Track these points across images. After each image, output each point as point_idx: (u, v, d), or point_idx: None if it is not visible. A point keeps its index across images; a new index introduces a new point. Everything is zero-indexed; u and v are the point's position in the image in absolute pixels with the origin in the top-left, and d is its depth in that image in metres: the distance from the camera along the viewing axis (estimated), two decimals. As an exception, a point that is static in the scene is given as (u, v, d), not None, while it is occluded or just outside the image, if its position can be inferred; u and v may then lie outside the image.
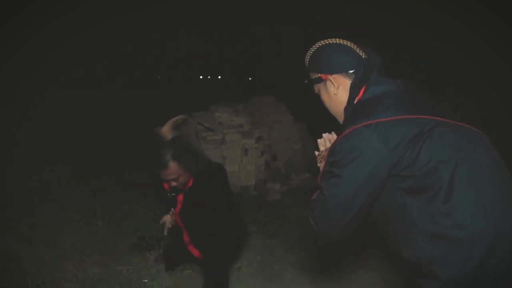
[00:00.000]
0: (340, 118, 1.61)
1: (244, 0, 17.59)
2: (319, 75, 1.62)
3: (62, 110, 7.58)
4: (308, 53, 1.66)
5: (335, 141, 1.47)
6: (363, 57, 1.58)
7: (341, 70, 1.58)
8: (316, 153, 1.74)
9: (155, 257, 3.40)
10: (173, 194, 2.84)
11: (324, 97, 1.65)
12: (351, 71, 1.57)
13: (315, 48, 1.64)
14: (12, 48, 8.45)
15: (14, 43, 8.69)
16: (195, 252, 2.98)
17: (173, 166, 2.64)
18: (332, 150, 1.46)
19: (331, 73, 1.59)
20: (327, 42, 1.62)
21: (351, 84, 1.56)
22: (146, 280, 3.09)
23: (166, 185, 2.81)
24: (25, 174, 4.92)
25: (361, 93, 1.53)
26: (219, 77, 26.59)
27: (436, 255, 1.32)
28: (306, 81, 1.71)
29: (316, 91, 1.69)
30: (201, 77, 26.73)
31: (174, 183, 2.70)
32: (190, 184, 2.80)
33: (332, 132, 1.72)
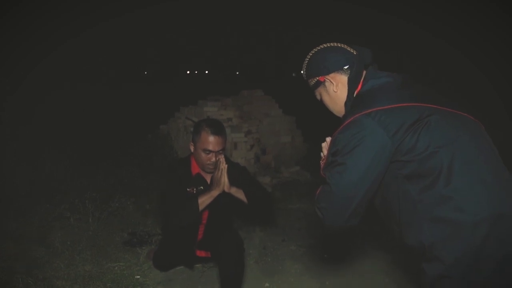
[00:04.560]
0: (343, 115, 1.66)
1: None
2: (317, 78, 1.67)
3: (54, 108, 7.52)
4: (303, 64, 1.73)
5: (336, 131, 1.49)
6: (354, 53, 1.64)
7: (337, 67, 1.64)
8: (322, 155, 1.71)
9: (147, 252, 3.40)
10: (201, 187, 2.81)
11: (326, 99, 1.71)
12: (345, 67, 1.62)
13: (308, 57, 1.70)
14: (12, 47, 8.44)
15: (14, 43, 8.68)
16: (203, 254, 2.98)
17: (225, 136, 2.74)
18: (333, 140, 1.50)
19: (328, 73, 1.65)
20: (317, 48, 1.69)
21: (349, 78, 1.62)
22: (139, 276, 3.08)
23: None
24: (15, 171, 4.86)
25: (359, 86, 1.59)
26: (206, 72, 26.54)
27: (439, 239, 1.35)
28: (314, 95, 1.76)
29: (318, 98, 1.75)
30: (188, 72, 26.65)
31: (213, 159, 2.68)
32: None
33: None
